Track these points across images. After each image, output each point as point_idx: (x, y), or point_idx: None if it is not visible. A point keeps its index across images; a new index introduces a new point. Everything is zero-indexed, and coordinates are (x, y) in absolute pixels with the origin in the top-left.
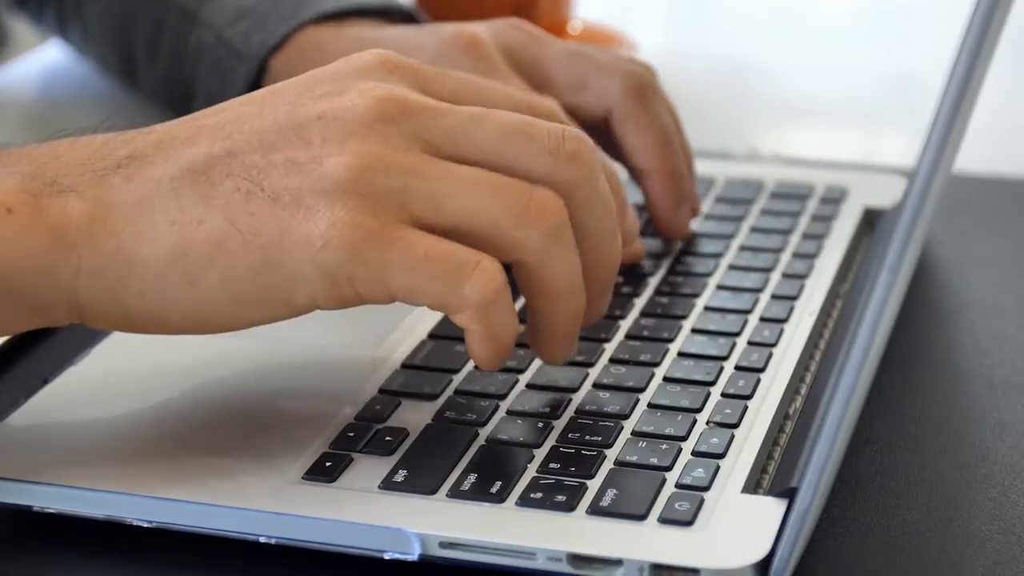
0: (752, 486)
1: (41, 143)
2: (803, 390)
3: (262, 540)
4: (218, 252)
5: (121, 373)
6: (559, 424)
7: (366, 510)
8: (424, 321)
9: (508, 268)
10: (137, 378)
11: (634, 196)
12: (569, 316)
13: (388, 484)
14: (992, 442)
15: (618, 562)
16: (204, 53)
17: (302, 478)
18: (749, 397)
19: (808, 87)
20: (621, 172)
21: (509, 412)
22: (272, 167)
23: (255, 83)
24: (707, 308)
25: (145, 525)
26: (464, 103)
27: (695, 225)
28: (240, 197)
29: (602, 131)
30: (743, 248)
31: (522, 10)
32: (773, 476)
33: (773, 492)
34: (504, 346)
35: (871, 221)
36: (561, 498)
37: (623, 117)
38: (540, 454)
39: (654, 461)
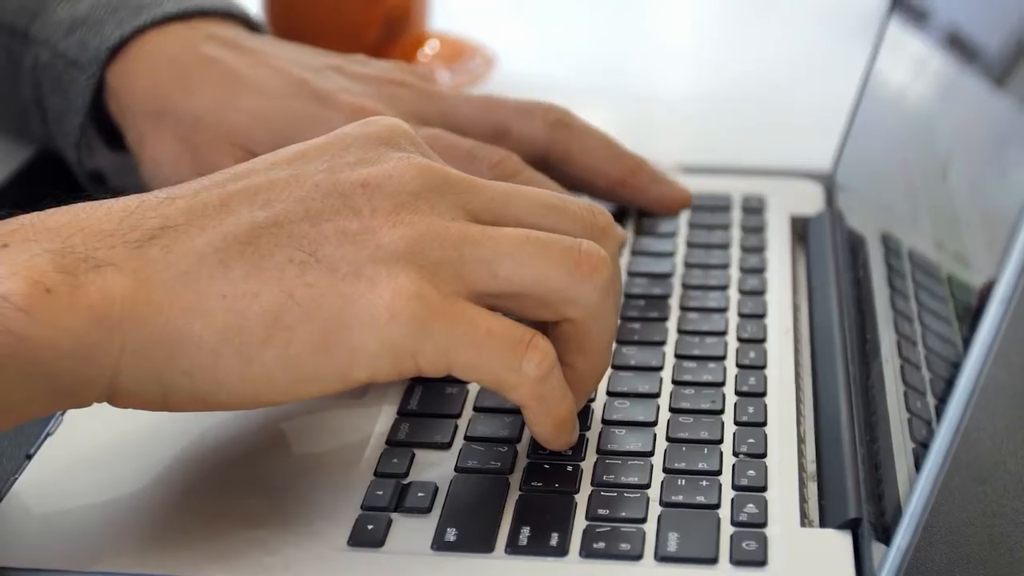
0: (801, 517)
1: (46, 212)
2: (802, 410)
3: None
4: (276, 327)
5: (105, 439)
6: (586, 466)
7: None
8: None
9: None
10: (125, 444)
11: None
12: (599, 375)
13: (441, 544)
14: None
15: None
16: (44, 71)
17: (347, 544)
18: (763, 424)
19: (517, 67)
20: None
21: (531, 456)
22: (323, 237)
23: (97, 93)
24: (682, 331)
25: None
26: None
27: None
28: (294, 268)
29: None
30: (689, 265)
31: (394, 23)
32: (821, 506)
33: (832, 524)
34: (564, 422)
35: (798, 229)
36: (626, 547)
37: (564, 150)
38: (582, 500)
39: (701, 499)
